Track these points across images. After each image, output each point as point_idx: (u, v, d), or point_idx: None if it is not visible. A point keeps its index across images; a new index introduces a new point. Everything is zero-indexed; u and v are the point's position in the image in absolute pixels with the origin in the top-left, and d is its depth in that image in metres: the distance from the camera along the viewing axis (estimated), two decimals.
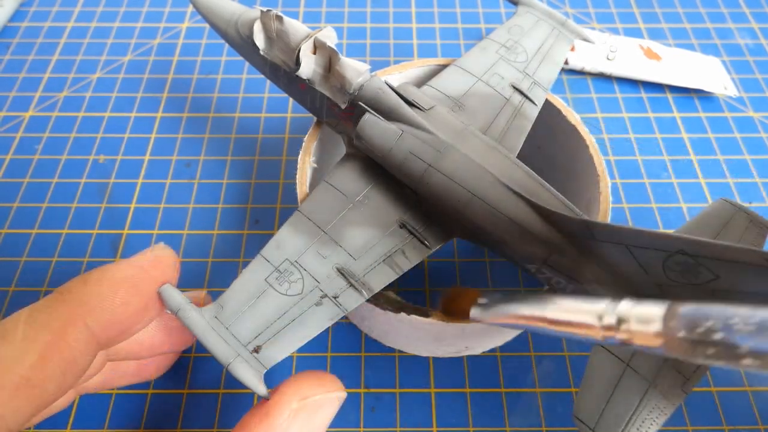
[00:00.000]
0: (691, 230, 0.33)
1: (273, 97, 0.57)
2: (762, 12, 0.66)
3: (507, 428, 0.39)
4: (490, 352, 0.42)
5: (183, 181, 0.51)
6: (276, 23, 0.34)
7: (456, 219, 0.31)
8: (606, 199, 0.35)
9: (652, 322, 0.20)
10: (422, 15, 0.66)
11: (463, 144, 0.31)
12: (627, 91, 0.58)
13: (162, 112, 0.56)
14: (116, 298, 0.27)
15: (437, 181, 0.30)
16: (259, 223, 0.49)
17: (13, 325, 0.25)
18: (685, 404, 0.40)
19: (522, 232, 0.29)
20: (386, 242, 0.32)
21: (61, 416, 0.39)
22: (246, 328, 0.28)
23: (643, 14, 0.66)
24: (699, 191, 0.51)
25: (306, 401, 0.26)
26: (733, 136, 0.55)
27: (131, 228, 0.48)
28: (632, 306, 0.21)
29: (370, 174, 0.34)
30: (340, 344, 0.42)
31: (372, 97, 0.32)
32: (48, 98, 0.57)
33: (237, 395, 0.40)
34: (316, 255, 0.31)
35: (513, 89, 0.37)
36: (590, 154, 0.37)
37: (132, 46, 0.62)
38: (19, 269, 0.46)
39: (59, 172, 0.51)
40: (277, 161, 0.53)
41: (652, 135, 0.55)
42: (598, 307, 0.22)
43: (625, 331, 0.21)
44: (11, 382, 0.24)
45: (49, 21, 0.64)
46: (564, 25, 0.41)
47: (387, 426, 0.39)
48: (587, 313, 0.22)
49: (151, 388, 0.40)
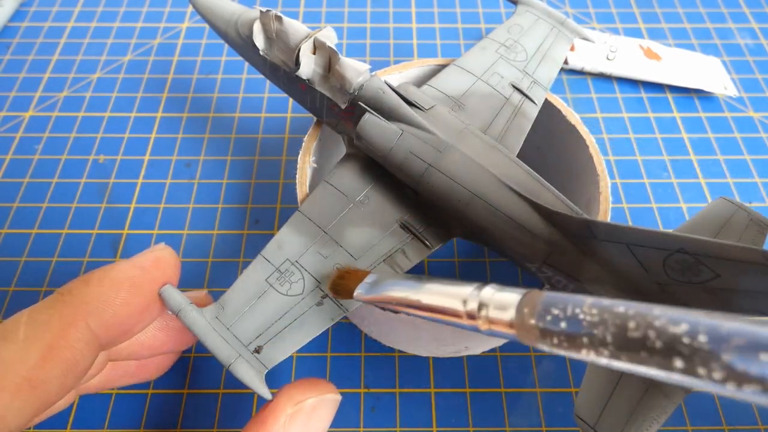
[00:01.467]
0: (692, 229, 0.33)
1: (273, 97, 0.57)
2: (762, 12, 0.66)
3: (507, 428, 0.39)
4: (490, 352, 0.42)
5: (183, 181, 0.51)
6: (276, 23, 0.34)
7: (456, 218, 0.31)
8: (606, 199, 0.35)
9: (508, 309, 0.20)
10: (422, 15, 0.66)
11: (463, 143, 0.31)
12: (627, 91, 0.58)
13: (162, 112, 0.56)
14: (117, 298, 0.27)
15: (438, 181, 0.30)
16: (259, 223, 0.49)
17: (14, 326, 0.25)
18: (685, 404, 0.40)
19: (522, 231, 0.29)
20: (387, 242, 0.32)
21: (60, 416, 0.39)
22: (247, 328, 0.28)
23: (643, 14, 0.66)
24: (699, 191, 0.51)
25: (301, 405, 0.27)
26: (733, 136, 0.55)
27: (131, 228, 0.48)
28: (494, 292, 0.21)
29: (370, 174, 0.34)
30: (340, 344, 0.42)
31: (372, 97, 0.32)
32: (48, 98, 0.57)
33: (237, 395, 0.40)
34: (317, 255, 0.31)
35: (513, 88, 0.37)
36: (590, 154, 0.37)
37: (132, 46, 0.62)
38: (19, 269, 0.46)
39: (59, 172, 0.51)
40: (277, 161, 0.53)
41: (652, 135, 0.55)
42: (464, 292, 0.22)
43: (485, 317, 0.21)
44: (13, 383, 0.24)
45: (49, 21, 0.64)
46: (563, 24, 0.41)
47: (387, 426, 0.39)
48: (453, 297, 0.22)
49: (151, 388, 0.40)
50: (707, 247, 0.22)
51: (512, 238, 0.29)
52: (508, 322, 0.19)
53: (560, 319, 0.17)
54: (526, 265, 0.31)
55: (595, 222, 0.26)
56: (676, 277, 0.24)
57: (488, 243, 0.32)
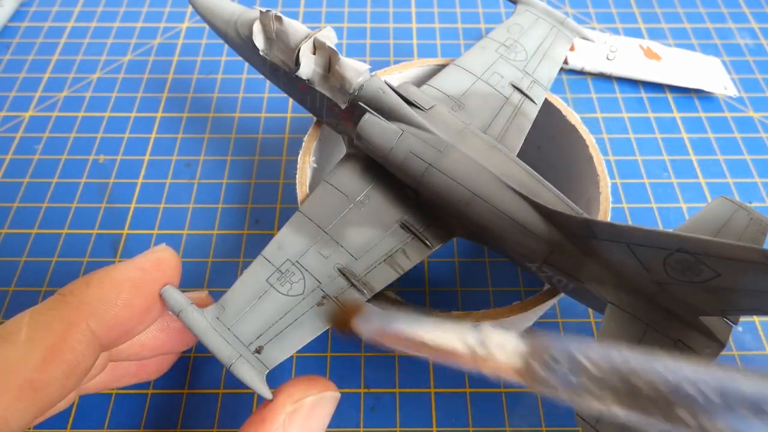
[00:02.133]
0: (692, 228, 0.33)
1: (273, 97, 0.57)
2: (762, 12, 0.66)
3: (507, 428, 0.39)
4: None
5: (183, 181, 0.51)
6: (275, 23, 0.33)
7: (457, 218, 0.31)
8: (606, 199, 0.35)
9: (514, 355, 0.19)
10: (422, 15, 0.66)
11: (463, 143, 0.31)
12: (627, 91, 0.58)
13: (162, 112, 0.56)
14: (118, 299, 0.27)
15: (438, 181, 0.30)
16: (259, 223, 0.49)
17: (15, 327, 0.25)
18: None
19: (523, 231, 0.29)
20: (387, 242, 0.32)
21: (61, 416, 0.39)
22: (248, 328, 0.28)
23: (643, 14, 0.66)
24: (699, 191, 0.51)
25: (300, 403, 0.27)
26: (733, 136, 0.55)
27: (131, 228, 0.48)
28: (494, 333, 0.21)
29: (370, 174, 0.34)
30: (340, 344, 0.42)
31: (372, 97, 0.32)
32: (48, 98, 0.57)
33: (237, 395, 0.40)
34: (317, 255, 0.31)
35: (513, 88, 0.37)
36: (590, 154, 0.37)
37: (132, 46, 0.62)
38: (19, 269, 0.46)
39: (59, 172, 0.51)
40: (277, 161, 0.53)
41: (652, 135, 0.55)
42: (465, 331, 0.21)
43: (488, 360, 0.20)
44: (15, 385, 0.24)
45: (49, 21, 0.64)
46: (563, 24, 0.41)
47: (387, 426, 0.39)
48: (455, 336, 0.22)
49: (151, 388, 0.40)
50: (708, 246, 0.22)
51: (512, 237, 0.29)
52: (508, 364, 0.20)
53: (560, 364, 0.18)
54: (527, 265, 0.31)
55: (596, 221, 0.26)
56: (677, 276, 0.24)
57: (488, 243, 0.32)
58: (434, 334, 0.22)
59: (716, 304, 0.25)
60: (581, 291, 0.29)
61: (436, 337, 0.22)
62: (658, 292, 0.26)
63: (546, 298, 0.32)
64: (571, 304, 0.44)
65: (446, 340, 0.22)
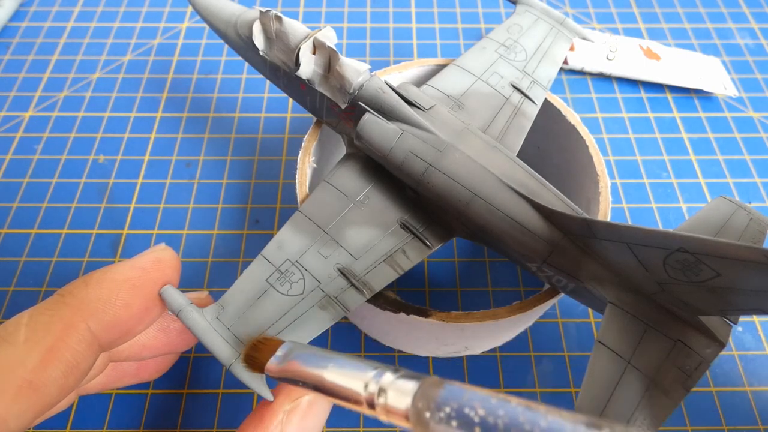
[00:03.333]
0: (692, 228, 0.33)
1: (273, 97, 0.57)
2: (762, 12, 0.66)
3: None
4: (489, 352, 0.42)
5: (183, 181, 0.51)
6: (275, 23, 0.33)
7: (457, 218, 0.31)
8: (606, 199, 0.35)
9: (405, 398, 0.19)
10: (422, 15, 0.66)
11: (463, 143, 0.31)
12: (627, 91, 0.58)
13: (162, 112, 0.56)
14: (118, 300, 0.27)
15: (438, 181, 0.30)
16: (259, 223, 0.49)
17: (15, 328, 0.25)
18: (684, 404, 0.40)
19: (523, 231, 0.29)
20: (387, 242, 0.32)
21: (60, 417, 0.39)
22: (248, 328, 0.28)
23: (643, 14, 0.66)
24: (699, 191, 0.51)
25: (298, 402, 0.27)
26: (733, 136, 0.55)
27: (131, 228, 0.48)
28: (394, 379, 0.20)
29: (370, 174, 0.34)
30: (340, 344, 0.42)
31: (372, 96, 0.32)
32: (48, 98, 0.57)
33: (237, 395, 0.40)
34: (317, 255, 0.31)
35: (512, 88, 0.37)
36: (590, 154, 0.37)
37: (132, 46, 0.62)
38: (18, 269, 0.46)
39: (59, 172, 0.51)
40: (277, 161, 0.53)
41: (651, 135, 0.55)
42: (366, 375, 0.21)
43: (383, 404, 0.20)
44: (14, 385, 0.24)
45: (49, 21, 0.64)
46: (563, 24, 0.41)
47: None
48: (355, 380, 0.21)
49: (151, 388, 0.40)
50: (708, 246, 0.22)
51: (512, 237, 0.29)
52: (404, 413, 0.19)
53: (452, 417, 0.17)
54: (527, 265, 0.31)
55: (595, 221, 0.26)
56: (677, 276, 0.24)
57: (488, 243, 0.32)
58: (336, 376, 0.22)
59: (716, 303, 0.25)
60: (581, 291, 0.29)
61: (338, 379, 0.22)
62: (658, 292, 0.26)
63: (546, 298, 0.32)
64: (571, 304, 0.44)
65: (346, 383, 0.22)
